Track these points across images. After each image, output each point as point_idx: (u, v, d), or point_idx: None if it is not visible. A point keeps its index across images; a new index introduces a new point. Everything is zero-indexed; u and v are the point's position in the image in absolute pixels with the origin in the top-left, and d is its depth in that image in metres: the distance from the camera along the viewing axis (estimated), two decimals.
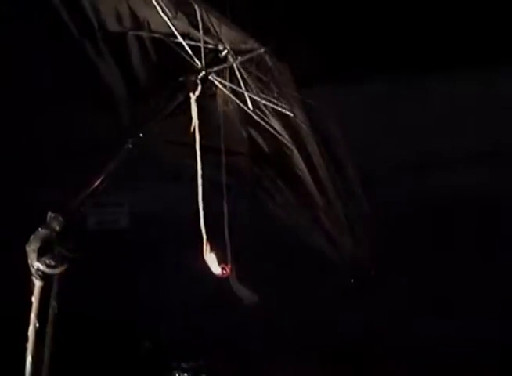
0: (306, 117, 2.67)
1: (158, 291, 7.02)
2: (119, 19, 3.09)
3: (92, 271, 2.79)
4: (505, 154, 7.10)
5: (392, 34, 7.25)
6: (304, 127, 2.72)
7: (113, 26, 3.11)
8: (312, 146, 2.75)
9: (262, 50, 2.74)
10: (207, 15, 2.86)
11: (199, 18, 2.90)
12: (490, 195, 6.72)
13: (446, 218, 6.68)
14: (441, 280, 6.30)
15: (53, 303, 2.72)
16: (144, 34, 3.13)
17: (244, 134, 3.28)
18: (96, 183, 2.89)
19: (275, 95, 2.96)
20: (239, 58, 2.95)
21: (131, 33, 3.13)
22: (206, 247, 2.89)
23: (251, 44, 2.76)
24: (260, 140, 3.24)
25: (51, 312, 2.72)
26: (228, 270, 2.89)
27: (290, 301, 6.13)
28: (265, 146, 3.25)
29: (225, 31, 2.89)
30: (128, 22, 3.10)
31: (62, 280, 2.69)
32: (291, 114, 2.83)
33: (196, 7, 2.82)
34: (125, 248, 7.45)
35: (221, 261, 2.92)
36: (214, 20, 2.87)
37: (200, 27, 2.91)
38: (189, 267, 7.06)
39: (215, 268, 2.88)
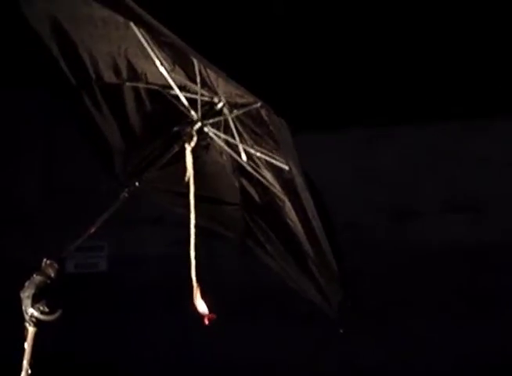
0: (301, 171, 2.75)
1: (139, 334, 7.00)
2: (116, 70, 3.17)
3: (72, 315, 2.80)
4: (481, 205, 7.24)
5: (371, 84, 7.41)
6: (298, 180, 2.79)
7: (110, 77, 3.19)
8: (306, 198, 2.81)
9: (258, 104, 2.81)
10: (205, 68, 2.94)
11: (197, 71, 2.98)
12: (466, 245, 6.83)
13: (423, 266, 6.77)
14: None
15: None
16: (140, 85, 3.21)
17: (237, 184, 3.34)
18: (91, 230, 2.93)
19: (269, 148, 3.03)
20: (235, 111, 3.03)
21: (128, 84, 3.21)
22: (196, 294, 2.94)
23: (247, 98, 2.83)
24: (252, 191, 3.31)
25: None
26: (212, 318, 2.93)
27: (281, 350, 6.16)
28: (256, 197, 3.32)
29: (222, 85, 2.97)
30: (125, 73, 3.18)
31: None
32: (286, 167, 2.90)
33: (195, 61, 2.90)
34: (105, 292, 7.43)
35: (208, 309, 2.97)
36: (211, 74, 2.95)
37: (198, 80, 3.00)
38: (169, 311, 7.07)
39: (204, 314, 2.93)
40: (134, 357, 6.94)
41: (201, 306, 2.90)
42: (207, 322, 2.88)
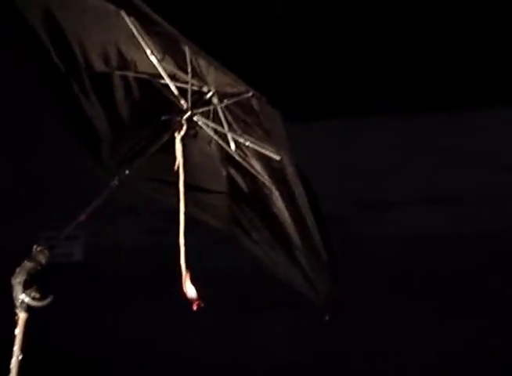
0: (293, 160, 2.78)
1: (115, 324, 6.99)
2: (106, 59, 3.18)
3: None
4: (458, 195, 7.35)
5: (348, 76, 7.48)
6: (289, 169, 2.82)
7: (100, 66, 3.20)
8: (297, 187, 2.85)
9: (250, 94, 2.84)
10: (196, 57, 2.96)
11: (188, 60, 3.00)
12: (447, 235, 6.93)
13: (405, 256, 6.85)
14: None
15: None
16: (130, 74, 3.23)
17: (224, 173, 3.37)
18: (81, 218, 2.94)
19: (259, 137, 3.07)
20: (225, 100, 3.05)
21: (117, 72, 3.22)
22: (185, 279, 2.97)
23: (239, 87, 2.86)
24: (239, 179, 3.34)
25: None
26: (200, 304, 2.96)
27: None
28: (244, 186, 3.35)
29: (213, 74, 2.99)
30: (114, 62, 3.19)
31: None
32: (276, 157, 2.94)
33: (186, 50, 2.92)
34: (81, 282, 7.42)
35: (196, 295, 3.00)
36: (202, 63, 2.97)
37: (189, 69, 3.02)
38: (145, 300, 7.07)
39: (193, 299, 2.96)
40: (110, 347, 6.93)
41: (190, 291, 2.93)
42: (195, 307, 2.91)
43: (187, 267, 2.97)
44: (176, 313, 6.57)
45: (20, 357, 2.79)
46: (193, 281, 2.97)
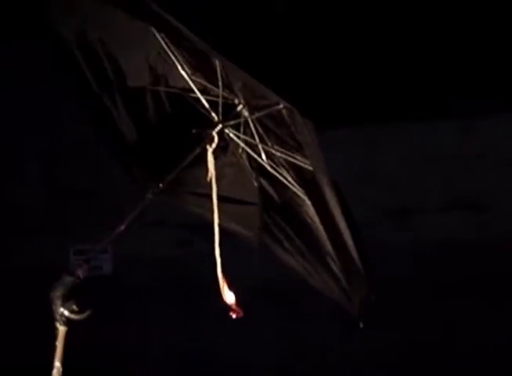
0: (326, 170, 2.81)
1: (143, 339, 7.03)
2: (137, 74, 3.23)
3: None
4: (482, 201, 7.33)
5: (372, 83, 7.49)
6: (322, 179, 2.85)
7: (131, 81, 3.25)
8: (330, 197, 2.88)
9: (281, 106, 2.88)
10: (226, 70, 3.00)
11: (218, 74, 3.05)
12: (468, 240, 6.91)
13: (428, 262, 6.84)
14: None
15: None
16: (161, 89, 3.28)
17: (255, 184, 3.41)
18: (118, 231, 2.99)
19: (290, 148, 3.10)
20: (256, 112, 3.09)
21: (148, 88, 3.27)
22: (223, 287, 3.00)
23: (270, 99, 2.89)
24: (271, 190, 3.38)
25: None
26: (240, 312, 3.00)
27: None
28: (275, 196, 3.38)
29: (243, 86, 3.03)
30: (146, 77, 3.24)
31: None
32: (307, 167, 2.97)
33: (217, 63, 2.96)
34: (109, 295, 7.45)
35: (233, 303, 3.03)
36: (232, 76, 3.01)
37: (220, 82, 3.06)
38: (176, 312, 7.10)
39: (232, 305, 2.99)
40: (139, 359, 6.96)
41: (229, 297, 2.97)
42: (234, 315, 2.94)
43: (224, 275, 3.01)
44: (207, 323, 6.64)
45: (61, 369, 2.84)
46: (231, 289, 3.01)
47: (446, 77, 7.45)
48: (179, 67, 3.13)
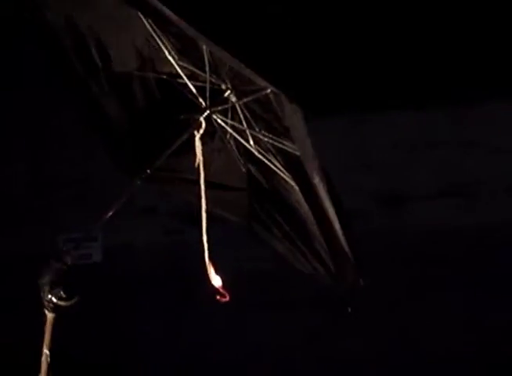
0: (314, 155, 2.80)
1: (133, 328, 7.02)
2: (124, 60, 3.21)
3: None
4: (474, 187, 7.36)
5: (362, 68, 7.49)
6: (310, 164, 2.84)
7: (118, 66, 3.23)
8: (318, 182, 2.87)
9: (268, 90, 2.87)
10: (214, 55, 2.99)
11: (205, 59, 3.03)
12: (463, 227, 6.94)
13: (421, 250, 6.87)
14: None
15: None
16: (148, 74, 3.26)
17: (243, 170, 3.40)
18: (105, 218, 2.98)
19: (278, 133, 3.10)
20: (243, 98, 3.08)
21: (135, 73, 3.26)
22: (210, 271, 3.02)
23: (258, 83, 2.87)
24: (259, 175, 3.37)
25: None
26: (227, 296, 3.01)
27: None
28: (263, 181, 3.38)
29: (231, 71, 3.02)
30: (133, 62, 3.23)
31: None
32: (295, 152, 2.96)
33: (204, 48, 2.95)
34: (99, 283, 7.44)
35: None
36: (219, 61, 3.00)
37: (207, 68, 3.05)
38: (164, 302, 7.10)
39: (220, 288, 3.01)
40: (129, 347, 6.95)
41: (216, 281, 2.98)
42: (221, 299, 2.96)
43: (211, 260, 3.02)
44: (196, 312, 6.64)
45: (49, 356, 2.84)
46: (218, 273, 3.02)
47: (438, 66, 7.46)
48: (166, 53, 3.12)
